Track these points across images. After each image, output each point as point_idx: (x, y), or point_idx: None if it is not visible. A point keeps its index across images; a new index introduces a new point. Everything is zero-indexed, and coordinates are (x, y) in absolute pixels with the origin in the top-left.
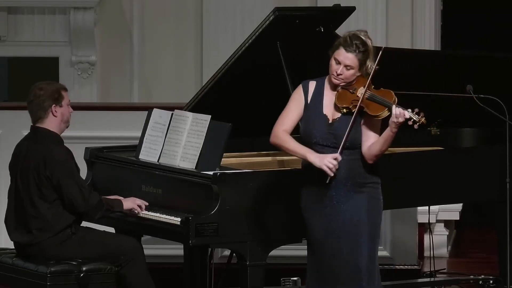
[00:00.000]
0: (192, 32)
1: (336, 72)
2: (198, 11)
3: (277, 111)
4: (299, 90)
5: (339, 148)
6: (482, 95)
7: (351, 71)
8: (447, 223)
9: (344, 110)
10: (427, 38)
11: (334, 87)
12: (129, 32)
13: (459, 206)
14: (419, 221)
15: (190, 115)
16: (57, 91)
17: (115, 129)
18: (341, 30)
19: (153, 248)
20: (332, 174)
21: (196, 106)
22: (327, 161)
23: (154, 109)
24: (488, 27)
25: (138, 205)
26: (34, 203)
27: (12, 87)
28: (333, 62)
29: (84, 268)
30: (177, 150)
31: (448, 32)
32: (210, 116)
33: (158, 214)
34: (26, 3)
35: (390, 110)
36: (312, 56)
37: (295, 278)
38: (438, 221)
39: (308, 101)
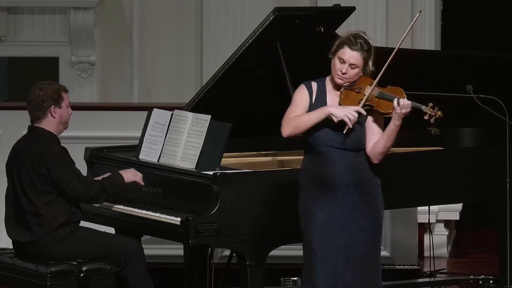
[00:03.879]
0: (192, 32)
1: (341, 71)
2: (198, 11)
3: (277, 111)
4: (303, 90)
5: (348, 150)
6: (482, 95)
7: (356, 70)
8: (447, 223)
9: None
10: (427, 38)
11: (336, 88)
12: (129, 32)
13: (459, 206)
14: (419, 221)
15: (190, 115)
16: (57, 92)
17: (115, 129)
18: (341, 30)
19: (153, 248)
20: (351, 126)
21: (196, 106)
22: (348, 112)
23: (154, 109)
24: (488, 27)
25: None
26: (30, 200)
27: (12, 87)
28: (337, 61)
29: (84, 268)
30: (177, 150)
31: (448, 32)
32: (210, 116)
33: (158, 214)
34: (26, 3)
35: None
36: (312, 56)
37: (295, 278)
38: (438, 221)
39: (313, 101)
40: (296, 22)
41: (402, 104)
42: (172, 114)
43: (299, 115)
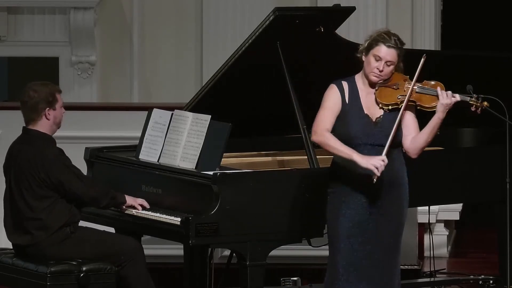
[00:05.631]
0: (192, 32)
1: (377, 68)
2: (198, 11)
3: (277, 111)
4: (334, 89)
5: (385, 146)
6: (482, 95)
7: (391, 67)
8: (447, 223)
9: (390, 107)
10: (427, 38)
11: (370, 85)
12: (129, 32)
13: (459, 206)
14: (419, 221)
15: (190, 115)
16: (52, 94)
17: (115, 129)
18: (341, 30)
19: (153, 248)
20: (379, 174)
21: (196, 106)
22: (374, 161)
23: (154, 109)
24: (488, 27)
25: (139, 204)
26: (29, 204)
27: (12, 87)
28: (372, 59)
29: (84, 268)
30: (177, 150)
31: (448, 32)
32: (210, 116)
33: (158, 214)
34: (26, 3)
35: None
36: (312, 56)
37: (295, 278)
38: (438, 221)
39: (347, 101)
40: (296, 22)
41: (446, 96)
42: (172, 114)
43: (333, 139)
